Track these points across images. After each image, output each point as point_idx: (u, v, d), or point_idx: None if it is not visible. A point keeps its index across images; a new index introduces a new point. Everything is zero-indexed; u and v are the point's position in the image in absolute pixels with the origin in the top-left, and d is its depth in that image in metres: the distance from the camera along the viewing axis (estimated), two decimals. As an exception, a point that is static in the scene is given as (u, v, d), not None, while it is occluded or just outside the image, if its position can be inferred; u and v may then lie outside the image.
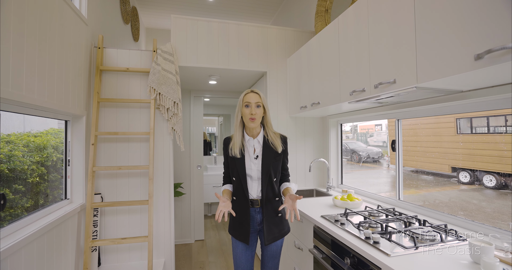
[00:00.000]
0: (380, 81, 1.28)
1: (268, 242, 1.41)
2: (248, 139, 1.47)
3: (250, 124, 1.40)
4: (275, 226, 1.44)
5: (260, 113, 1.42)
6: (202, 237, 3.41)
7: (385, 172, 3.14)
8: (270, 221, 1.43)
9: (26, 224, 1.41)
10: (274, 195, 1.45)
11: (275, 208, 1.45)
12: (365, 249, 1.12)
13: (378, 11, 1.32)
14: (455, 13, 0.93)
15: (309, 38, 2.59)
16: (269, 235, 1.41)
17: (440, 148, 2.56)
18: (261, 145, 1.45)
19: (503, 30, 0.79)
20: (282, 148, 1.46)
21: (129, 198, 2.11)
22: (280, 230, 1.46)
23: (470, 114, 2.36)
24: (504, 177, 2.25)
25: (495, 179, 2.26)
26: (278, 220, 1.46)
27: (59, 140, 1.87)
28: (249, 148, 1.46)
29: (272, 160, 1.43)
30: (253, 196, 1.44)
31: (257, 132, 1.47)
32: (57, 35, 1.55)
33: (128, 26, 3.21)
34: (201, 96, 3.48)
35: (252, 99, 1.40)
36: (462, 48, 0.91)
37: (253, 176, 1.43)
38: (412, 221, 1.42)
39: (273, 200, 1.45)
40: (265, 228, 1.41)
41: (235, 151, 1.42)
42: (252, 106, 1.40)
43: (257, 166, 1.43)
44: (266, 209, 1.43)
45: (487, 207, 1.91)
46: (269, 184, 1.43)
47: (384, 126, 3.19)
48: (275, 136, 1.47)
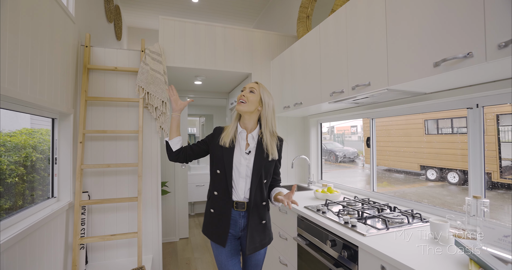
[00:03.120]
0: (357, 84, 1.44)
1: (249, 252, 1.27)
2: (241, 131, 1.34)
3: (239, 107, 1.29)
4: (257, 234, 1.31)
5: (252, 99, 1.29)
6: (187, 235, 3.45)
7: (360, 171, 3.36)
8: (253, 228, 1.29)
9: (12, 223, 1.37)
10: (262, 199, 1.32)
11: (260, 213, 1.32)
12: (344, 232, 1.26)
13: (355, 21, 1.48)
14: (418, 27, 1.11)
15: (291, 42, 2.74)
16: (250, 244, 1.27)
17: (410, 147, 2.81)
18: (256, 141, 1.33)
19: (455, 43, 0.97)
20: (276, 155, 1.33)
21: (117, 195, 2.13)
22: (261, 239, 1.33)
23: (436, 116, 2.63)
24: (465, 174, 2.52)
25: (458, 176, 2.53)
26: (262, 228, 1.33)
27: (37, 140, 1.85)
28: (240, 140, 1.33)
29: (266, 159, 1.30)
30: (239, 197, 1.29)
31: (251, 127, 1.34)
32: (48, 33, 1.57)
33: (112, 25, 3.19)
34: (185, 96, 3.53)
35: (248, 85, 1.34)
36: (424, 57, 1.08)
37: (241, 171, 1.29)
38: (384, 208, 1.60)
39: (260, 205, 1.32)
40: (248, 236, 1.27)
41: (226, 140, 1.30)
42: (245, 90, 1.32)
43: (247, 161, 1.29)
44: (251, 214, 1.28)
45: (450, 201, 2.14)
46: (258, 186, 1.29)
47: (360, 127, 3.42)
48: (272, 139, 1.33)
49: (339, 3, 1.91)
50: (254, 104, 1.30)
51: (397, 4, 1.21)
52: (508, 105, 1.39)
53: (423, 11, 1.08)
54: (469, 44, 0.92)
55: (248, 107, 1.29)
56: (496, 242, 0.87)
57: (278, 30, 3.30)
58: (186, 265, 2.67)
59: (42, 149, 1.87)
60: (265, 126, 1.33)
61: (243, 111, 1.30)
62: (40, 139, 1.88)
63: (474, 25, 0.90)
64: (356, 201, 1.78)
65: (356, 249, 1.19)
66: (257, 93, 1.31)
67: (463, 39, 0.94)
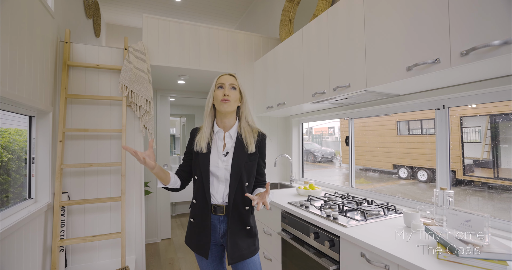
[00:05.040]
0: (338, 85, 1.54)
1: (233, 260, 1.15)
2: (218, 131, 1.23)
3: (223, 107, 1.17)
4: (242, 240, 1.18)
5: (235, 97, 1.19)
6: (169, 235, 3.41)
7: (337, 171, 3.52)
8: (235, 234, 1.17)
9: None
10: (243, 203, 1.19)
11: (243, 218, 1.20)
12: (326, 224, 1.35)
13: (336, 27, 1.58)
14: (393, 34, 1.21)
15: (274, 44, 2.82)
16: (234, 252, 1.15)
17: (384, 147, 3.00)
18: (234, 140, 1.22)
19: (425, 50, 1.08)
20: (255, 148, 1.21)
21: (98, 196, 2.08)
22: (249, 245, 1.20)
23: (407, 118, 2.82)
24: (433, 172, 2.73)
25: (426, 174, 2.73)
26: (246, 233, 1.20)
27: (6, 140, 1.77)
28: (217, 141, 1.22)
29: (246, 159, 1.19)
30: (217, 201, 1.19)
31: (230, 125, 1.24)
32: (26, 27, 1.52)
33: (90, 21, 3.09)
34: (167, 95, 3.49)
35: (226, 81, 1.20)
36: (398, 61, 1.19)
37: (220, 175, 1.18)
38: (362, 201, 1.71)
39: (241, 208, 1.19)
40: (229, 243, 1.15)
41: (201, 144, 1.19)
42: (226, 87, 1.18)
43: (225, 164, 1.18)
44: (232, 218, 1.17)
45: (421, 197, 2.31)
46: (239, 188, 1.18)
47: (337, 128, 3.58)
48: (250, 131, 1.23)
49: (321, 9, 2.01)
50: (237, 101, 1.22)
51: (374, 13, 1.31)
52: (470, 108, 1.55)
53: (398, 20, 1.19)
54: (437, 51, 1.03)
55: (233, 106, 1.20)
56: (459, 226, 0.98)
57: (260, 32, 3.37)
58: (170, 265, 2.65)
59: (14, 149, 1.79)
60: (244, 120, 1.24)
61: (228, 111, 1.19)
62: (9, 138, 1.80)
63: (441, 35, 1.02)
64: (337, 196, 1.88)
65: (338, 239, 1.28)
66: (237, 88, 1.22)
67: (432, 47, 1.05)
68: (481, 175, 1.75)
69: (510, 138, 1.55)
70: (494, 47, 0.86)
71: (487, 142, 1.70)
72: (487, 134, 1.70)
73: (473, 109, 1.61)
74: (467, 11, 0.94)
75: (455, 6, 0.97)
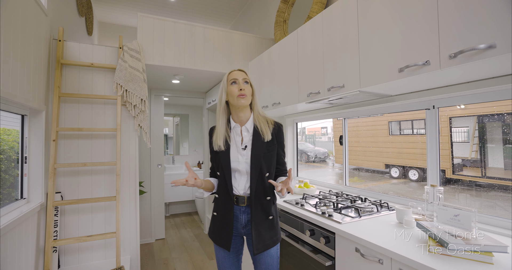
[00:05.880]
0: (332, 85, 1.57)
1: (258, 251, 1.16)
2: (234, 126, 1.26)
3: (241, 102, 1.20)
4: (265, 231, 1.19)
5: (249, 91, 1.24)
6: (163, 236, 3.40)
7: (330, 170, 3.57)
8: (259, 224, 1.18)
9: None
10: (264, 193, 1.21)
11: (265, 208, 1.21)
12: (322, 221, 1.38)
13: (330, 28, 1.61)
14: (386, 36, 1.25)
15: (269, 44, 2.85)
16: (258, 242, 1.16)
17: (376, 147, 3.06)
18: (251, 133, 1.23)
19: (416, 52, 1.12)
20: (271, 136, 1.23)
21: (92, 195, 2.07)
22: (271, 235, 1.21)
23: (399, 118, 2.88)
24: (424, 172, 2.80)
25: (417, 173, 2.81)
26: (269, 223, 1.22)
27: None
28: (235, 136, 1.25)
29: (264, 151, 1.20)
30: (239, 192, 1.22)
31: (246, 118, 1.26)
32: (20, 24, 1.50)
33: (83, 19, 3.05)
34: (161, 95, 3.48)
35: (239, 76, 1.24)
36: (391, 63, 1.23)
37: (241, 169, 1.21)
38: (356, 199, 1.75)
39: (263, 199, 1.21)
40: (254, 233, 1.16)
41: (219, 143, 1.22)
42: (240, 82, 1.22)
43: (245, 157, 1.21)
44: (254, 209, 1.18)
45: (412, 196, 2.38)
46: (259, 179, 1.20)
47: (330, 128, 3.63)
48: (264, 120, 1.26)
49: (315, 11, 2.05)
50: (251, 94, 1.26)
51: (368, 17, 1.35)
52: (459, 108, 1.61)
53: (390, 23, 1.24)
54: (427, 53, 1.08)
55: (249, 100, 1.24)
56: (448, 221, 1.03)
57: (254, 32, 3.40)
58: (164, 265, 2.65)
59: (3, 149, 1.76)
60: (257, 112, 1.28)
61: (245, 105, 1.23)
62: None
63: (431, 38, 1.06)
64: (331, 194, 1.92)
65: (333, 235, 1.31)
66: (249, 82, 1.27)
67: (423, 50, 1.09)
68: (469, 173, 1.82)
69: (497, 138, 1.61)
70: (480, 51, 0.91)
71: (475, 142, 1.76)
72: (475, 134, 1.76)
73: (461, 110, 1.67)
74: (455, 16, 0.98)
75: (444, 10, 1.01)
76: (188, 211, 4.69)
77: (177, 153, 5.12)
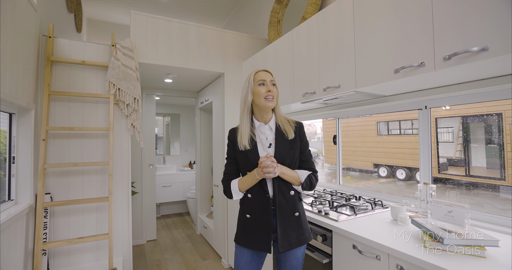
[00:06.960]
0: (328, 86, 1.60)
1: (283, 249, 1.13)
2: (259, 125, 1.26)
3: (268, 104, 1.20)
4: (291, 229, 1.17)
5: (276, 93, 1.24)
6: (155, 237, 3.35)
7: (320, 170, 3.62)
8: (284, 222, 1.17)
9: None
10: (288, 188, 1.20)
11: (289, 203, 1.19)
12: (319, 219, 1.40)
13: (326, 29, 1.64)
14: (382, 38, 1.29)
15: (263, 44, 2.85)
16: (284, 240, 1.14)
17: (365, 147, 3.12)
18: (274, 132, 1.25)
19: (412, 54, 1.15)
20: (295, 135, 1.24)
21: (83, 196, 2.01)
22: (298, 235, 1.18)
23: (387, 118, 2.95)
24: (411, 171, 2.88)
25: (405, 172, 2.88)
26: (295, 221, 1.19)
27: None
28: (261, 135, 1.25)
29: (288, 148, 1.22)
30: (270, 194, 1.19)
31: (269, 118, 1.27)
32: (9, 20, 1.44)
33: (72, 15, 2.97)
34: (153, 94, 3.43)
35: (267, 77, 1.23)
36: (387, 64, 1.26)
37: None
38: (351, 197, 1.79)
39: (287, 194, 1.19)
40: (279, 231, 1.14)
41: (244, 142, 1.21)
42: (268, 84, 1.22)
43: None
44: (279, 208, 1.17)
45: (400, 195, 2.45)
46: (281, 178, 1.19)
47: (319, 128, 3.68)
48: (285, 120, 1.28)
49: (310, 12, 2.07)
50: (277, 97, 1.27)
51: (363, 19, 1.38)
52: (444, 109, 1.66)
53: (385, 25, 1.27)
54: (422, 55, 1.11)
55: (275, 103, 1.24)
56: (442, 217, 1.06)
57: (247, 32, 3.40)
58: (157, 266, 2.61)
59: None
60: (278, 112, 1.29)
61: (272, 107, 1.23)
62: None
63: (426, 40, 1.09)
64: (326, 193, 1.95)
65: (330, 233, 1.33)
66: (275, 84, 1.27)
67: (418, 51, 1.13)
68: (454, 172, 1.88)
69: (480, 138, 1.68)
70: (473, 53, 0.94)
71: (459, 142, 1.83)
72: (459, 134, 1.83)
73: (446, 110, 1.73)
74: (449, 19, 1.02)
75: (439, 13, 1.05)
76: (179, 212, 4.64)
77: (167, 153, 5.05)
